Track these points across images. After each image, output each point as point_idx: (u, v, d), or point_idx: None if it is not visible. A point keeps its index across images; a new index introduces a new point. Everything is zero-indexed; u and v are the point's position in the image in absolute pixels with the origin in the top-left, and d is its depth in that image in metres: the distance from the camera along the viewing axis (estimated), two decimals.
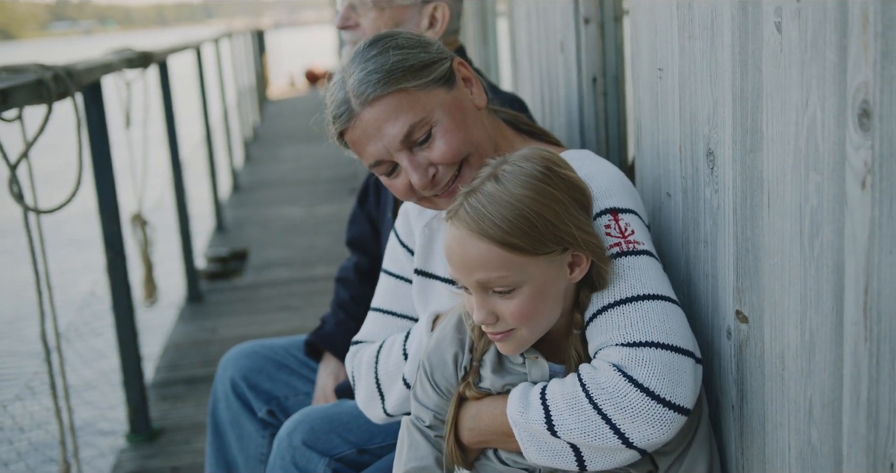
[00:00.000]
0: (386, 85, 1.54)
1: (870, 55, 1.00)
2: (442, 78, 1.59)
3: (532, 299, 1.37)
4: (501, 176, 1.37)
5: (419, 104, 1.55)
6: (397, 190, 1.63)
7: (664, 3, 1.57)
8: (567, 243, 1.37)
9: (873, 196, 1.02)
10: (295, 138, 12.57)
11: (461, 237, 1.36)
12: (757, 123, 1.27)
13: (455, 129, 1.57)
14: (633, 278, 1.42)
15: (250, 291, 5.60)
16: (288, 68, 25.24)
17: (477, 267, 1.35)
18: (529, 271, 1.36)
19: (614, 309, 1.40)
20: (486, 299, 1.38)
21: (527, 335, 1.42)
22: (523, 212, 1.33)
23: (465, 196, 1.38)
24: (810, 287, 1.18)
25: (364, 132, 1.57)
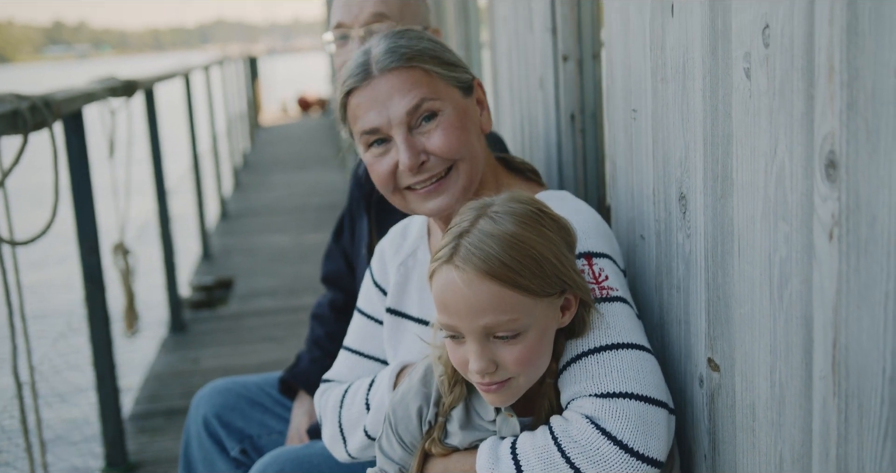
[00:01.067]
0: (411, 60, 1.57)
1: (836, 105, 0.98)
2: (462, 82, 1.61)
3: (535, 344, 1.31)
4: (494, 216, 1.31)
5: (435, 87, 1.57)
6: (379, 172, 1.60)
7: (637, 44, 1.55)
8: (566, 284, 1.33)
9: (840, 249, 1.00)
10: (286, 165, 12.56)
11: (467, 280, 1.26)
12: (727, 170, 1.25)
13: (458, 127, 1.57)
14: (608, 326, 1.39)
15: (234, 320, 5.55)
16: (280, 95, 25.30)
17: (486, 311, 1.27)
18: (535, 314, 1.30)
19: (588, 358, 1.37)
20: (486, 346, 1.30)
21: (523, 384, 1.35)
22: (529, 252, 1.28)
23: (459, 237, 1.30)
24: (780, 339, 1.15)
25: (373, 97, 1.57)
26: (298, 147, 14.86)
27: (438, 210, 1.59)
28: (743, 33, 1.17)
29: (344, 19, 2.09)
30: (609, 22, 1.70)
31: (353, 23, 2.07)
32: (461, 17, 3.62)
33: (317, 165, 12.45)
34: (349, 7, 2.09)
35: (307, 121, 20.73)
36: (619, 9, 1.64)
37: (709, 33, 1.26)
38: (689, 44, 1.33)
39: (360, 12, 2.07)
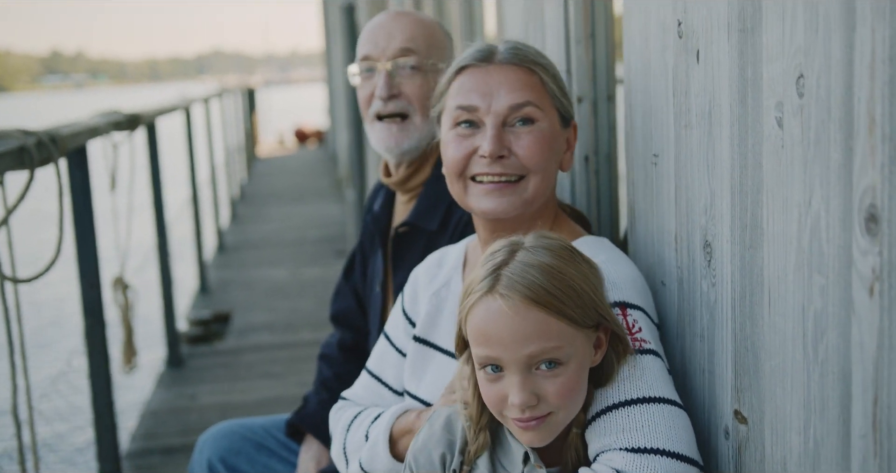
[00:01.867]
0: (534, 65, 1.60)
1: (877, 158, 0.96)
2: (564, 113, 1.63)
3: (575, 376, 1.30)
4: (531, 250, 1.31)
5: (543, 99, 1.59)
6: (454, 152, 1.61)
7: (659, 89, 1.54)
8: (602, 317, 1.32)
9: (882, 304, 0.97)
10: (283, 198, 12.55)
11: (513, 307, 1.26)
12: (757, 219, 1.23)
13: (547, 143, 1.59)
14: (639, 378, 1.36)
15: (232, 356, 5.50)
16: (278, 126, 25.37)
17: (532, 338, 1.26)
18: (576, 345, 1.30)
19: (618, 411, 1.34)
20: (529, 378, 1.28)
21: (561, 421, 1.33)
22: (568, 281, 1.28)
23: (498, 268, 1.30)
24: (814, 393, 1.13)
25: (484, 80, 1.59)
26: (295, 179, 14.86)
27: (493, 211, 1.59)
28: (775, 83, 1.15)
29: (371, 52, 2.11)
30: (629, 66, 1.69)
31: (380, 56, 2.09)
32: None
33: (314, 197, 12.44)
34: (376, 41, 2.11)
35: (304, 152, 20.76)
36: (639, 53, 1.63)
37: (738, 81, 1.25)
38: (717, 91, 1.32)
39: (388, 46, 2.09)
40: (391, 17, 2.15)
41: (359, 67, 2.14)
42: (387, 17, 2.16)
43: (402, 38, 2.08)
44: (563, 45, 2.07)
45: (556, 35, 2.11)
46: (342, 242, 8.72)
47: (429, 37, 2.11)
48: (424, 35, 2.11)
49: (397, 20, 2.13)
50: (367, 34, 2.14)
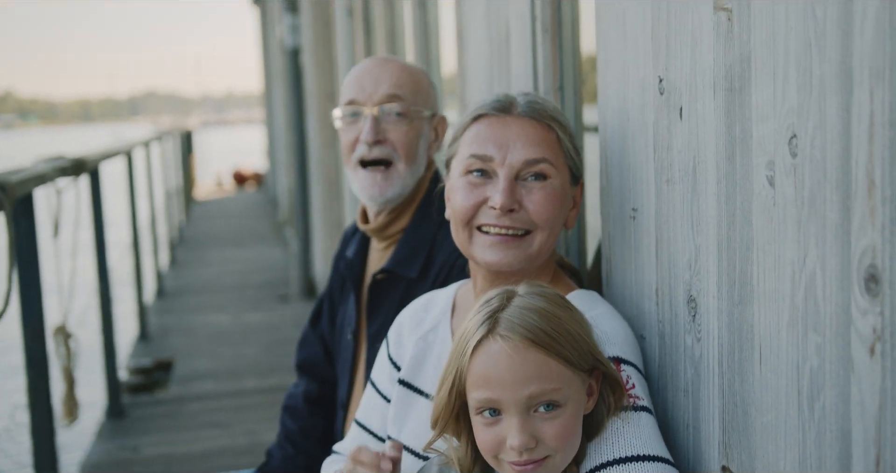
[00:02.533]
0: (553, 121, 1.60)
1: (877, 220, 0.97)
2: (575, 171, 1.63)
3: (573, 419, 1.31)
4: (525, 295, 1.34)
5: (557, 156, 1.59)
6: (464, 200, 1.60)
7: (639, 144, 1.55)
8: (596, 360, 1.33)
9: (884, 364, 0.98)
10: (223, 241, 12.38)
11: (513, 348, 1.27)
12: (746, 276, 1.24)
13: (558, 201, 1.59)
14: (633, 435, 1.36)
15: (175, 405, 5.36)
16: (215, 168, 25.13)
17: (532, 379, 1.27)
18: (573, 387, 1.31)
19: (615, 468, 1.33)
20: (528, 420, 1.29)
21: (558, 465, 1.33)
22: (564, 325, 1.30)
23: (495, 312, 1.31)
24: (810, 451, 1.13)
25: (502, 132, 1.58)
26: (235, 222, 14.70)
27: (496, 263, 1.58)
28: (765, 142, 1.17)
29: (357, 97, 2.09)
30: (605, 120, 1.70)
31: (367, 101, 2.08)
32: None
33: (254, 241, 12.30)
34: (363, 85, 2.09)
35: (243, 195, 20.58)
36: (616, 108, 1.64)
37: (725, 139, 1.26)
38: (702, 148, 1.33)
39: (375, 91, 2.08)
40: (378, 63, 2.15)
41: (343, 111, 2.12)
42: (373, 62, 2.16)
43: (389, 83, 2.08)
44: None
45: (524, 86, 2.12)
46: (285, 286, 8.62)
47: (415, 84, 2.11)
48: (411, 82, 2.10)
49: (384, 66, 2.13)
50: (353, 79, 2.13)
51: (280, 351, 6.37)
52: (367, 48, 5.08)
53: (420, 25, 3.57)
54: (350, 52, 5.66)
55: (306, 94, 8.17)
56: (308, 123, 8.01)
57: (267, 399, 5.34)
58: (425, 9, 3.56)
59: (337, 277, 2.31)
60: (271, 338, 6.80)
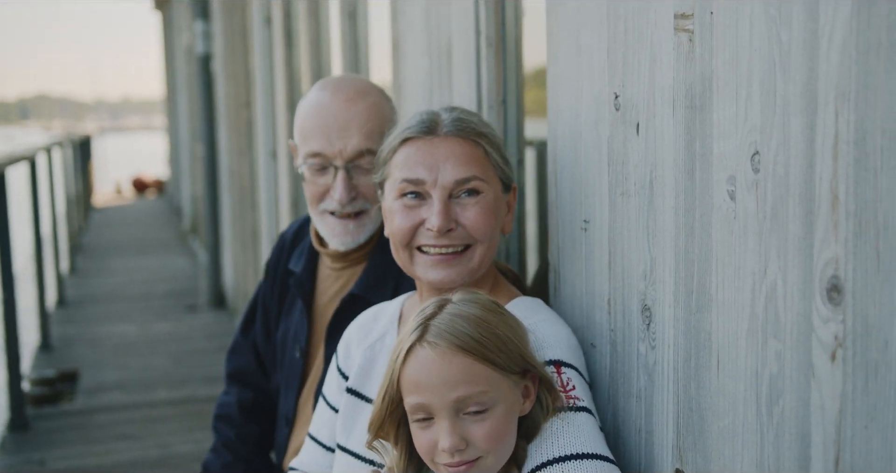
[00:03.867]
0: (478, 137, 1.62)
1: (840, 233, 1.03)
2: (506, 179, 1.65)
3: (503, 420, 1.35)
4: (459, 303, 1.39)
5: (486, 169, 1.61)
6: (402, 224, 1.62)
7: (592, 158, 1.60)
8: (528, 364, 1.37)
9: (845, 370, 1.04)
10: (125, 250, 12.08)
11: (440, 354, 1.33)
12: (705, 286, 1.29)
13: (491, 213, 1.62)
14: (573, 435, 1.40)
15: (82, 417, 5.21)
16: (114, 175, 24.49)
17: (458, 383, 1.32)
18: (503, 390, 1.35)
19: (555, 466, 1.37)
20: (457, 423, 1.33)
21: (491, 465, 1.37)
22: (494, 330, 1.35)
23: (426, 320, 1.36)
24: (768, 453, 1.18)
25: (429, 153, 1.60)
26: (137, 231, 14.34)
27: (440, 282, 1.61)
28: (727, 158, 1.22)
29: (324, 150, 1.95)
30: (555, 134, 1.74)
31: (336, 156, 1.95)
32: None
33: (159, 250, 12.03)
34: (330, 139, 1.94)
35: (143, 202, 20.11)
36: (567, 122, 1.69)
37: (684, 155, 1.32)
38: (659, 162, 1.38)
39: (345, 147, 1.94)
40: (344, 105, 1.96)
41: (308, 162, 1.98)
42: (337, 102, 1.97)
43: (359, 135, 1.94)
44: (474, 111, 2.12)
45: (468, 100, 2.16)
46: (193, 296, 8.46)
47: (383, 123, 1.95)
48: (380, 125, 1.94)
49: (351, 110, 1.95)
50: (316, 125, 1.96)
51: (191, 362, 6.26)
52: (287, 59, 5.05)
53: (349, 37, 3.57)
54: (269, 62, 5.62)
55: (217, 102, 8.06)
56: (219, 132, 7.89)
57: (179, 411, 5.24)
58: (355, 20, 3.57)
59: (276, 288, 2.27)
60: (181, 349, 6.67)
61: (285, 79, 5.04)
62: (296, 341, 2.16)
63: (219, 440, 2.27)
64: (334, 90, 2.00)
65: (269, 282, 2.31)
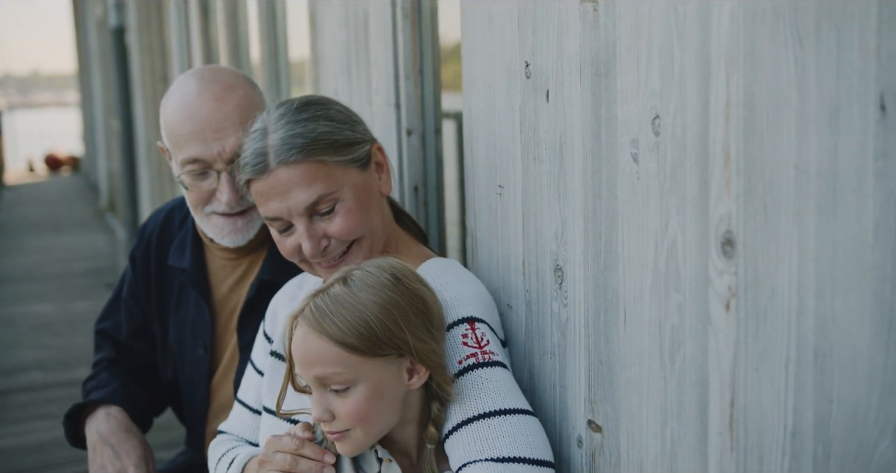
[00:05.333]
0: (308, 153, 1.59)
1: (732, 190, 1.11)
2: (360, 159, 1.65)
3: (366, 399, 1.41)
4: (350, 280, 1.44)
5: (332, 178, 1.60)
6: (285, 248, 1.67)
7: (505, 125, 1.65)
8: (402, 349, 1.41)
9: (738, 317, 1.12)
10: (40, 228, 11.79)
11: (303, 335, 1.42)
12: (612, 244, 1.36)
13: (357, 210, 1.63)
14: (493, 391, 1.46)
15: (1, 397, 5.12)
16: (25, 153, 23.79)
17: (315, 363, 1.41)
18: (363, 371, 1.41)
19: (477, 423, 1.43)
20: (323, 396, 1.43)
21: (361, 437, 1.45)
22: (363, 315, 1.40)
23: (312, 297, 1.44)
24: (671, 399, 1.26)
25: (273, 189, 1.60)
26: (52, 209, 14.00)
27: None
28: (630, 122, 1.29)
29: (203, 155, 1.88)
30: (469, 102, 1.79)
31: (215, 159, 1.88)
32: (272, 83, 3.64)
33: (75, 228, 11.78)
34: (206, 143, 1.87)
35: (58, 180, 19.60)
36: (481, 91, 1.74)
37: (591, 120, 1.38)
38: (568, 128, 1.45)
39: (223, 149, 1.87)
40: (214, 106, 1.88)
41: (186, 168, 1.91)
42: (205, 103, 1.89)
43: (234, 133, 1.86)
44: (391, 81, 2.16)
45: (385, 70, 2.19)
46: (113, 274, 8.31)
47: (254, 112, 1.82)
48: (251, 114, 1.81)
49: (222, 109, 1.88)
50: (188, 129, 1.88)
51: None
52: (203, 31, 5.00)
53: (266, 9, 3.56)
54: (185, 35, 5.55)
55: (133, 75, 7.91)
56: (135, 106, 7.76)
57: None
58: None
59: (151, 285, 2.19)
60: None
61: (202, 52, 4.98)
62: (196, 337, 2.13)
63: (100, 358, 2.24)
64: (200, 89, 1.91)
65: (141, 278, 2.22)
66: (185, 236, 2.15)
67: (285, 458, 1.51)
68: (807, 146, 0.99)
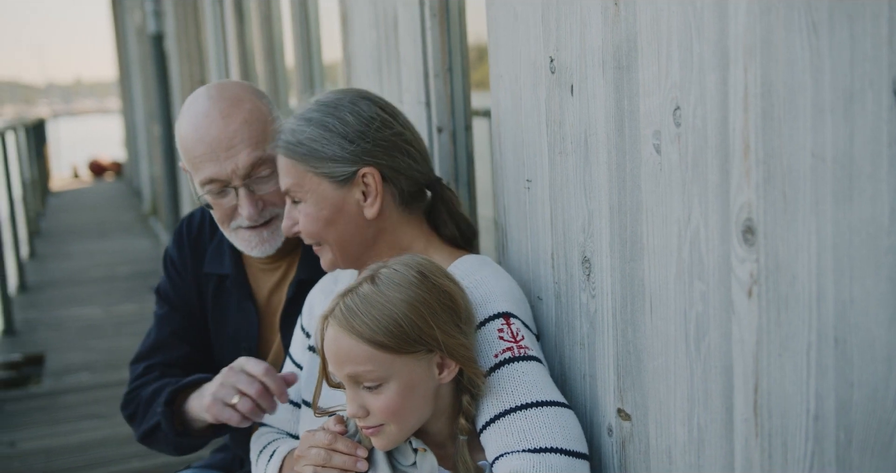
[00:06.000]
0: (287, 151, 1.71)
1: (752, 179, 1.12)
2: (337, 177, 1.68)
3: (399, 395, 1.44)
4: (377, 279, 1.47)
5: (300, 180, 1.70)
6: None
7: (531, 120, 1.68)
8: (431, 344, 1.44)
9: (760, 305, 1.13)
10: (84, 233, 12.01)
11: (334, 334, 1.45)
12: (637, 235, 1.38)
13: (315, 217, 1.70)
14: (530, 383, 1.49)
15: (50, 398, 5.25)
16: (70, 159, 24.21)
17: (347, 362, 1.44)
18: (395, 368, 1.44)
19: (513, 415, 1.46)
20: (356, 393, 1.46)
21: (396, 432, 1.48)
22: (392, 313, 1.42)
23: (342, 297, 1.47)
24: (697, 387, 1.28)
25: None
26: (96, 214, 14.25)
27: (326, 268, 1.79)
28: (652, 114, 1.31)
29: (217, 175, 1.91)
30: (497, 98, 1.82)
31: (231, 177, 1.91)
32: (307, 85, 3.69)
33: (119, 232, 11.98)
34: (220, 162, 1.90)
35: (102, 185, 19.93)
36: (508, 86, 1.76)
37: (614, 113, 1.40)
38: (592, 121, 1.47)
39: (237, 165, 1.90)
40: (222, 124, 1.91)
41: (206, 189, 1.95)
42: (214, 122, 1.91)
43: (246, 149, 1.89)
44: (421, 79, 2.19)
45: (414, 69, 2.22)
46: (157, 277, 8.45)
47: (265, 125, 1.91)
48: (262, 128, 1.90)
49: (230, 126, 1.90)
50: (201, 151, 1.91)
51: None
52: (238, 36, 5.07)
53: (299, 12, 3.61)
54: (220, 40, 5.63)
55: (172, 81, 8.04)
56: (175, 111, 7.88)
57: None
58: None
59: (192, 289, 2.18)
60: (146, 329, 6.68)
61: (238, 56, 5.06)
62: (239, 339, 2.15)
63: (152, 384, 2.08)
64: (208, 108, 1.93)
65: (182, 281, 2.19)
66: (221, 244, 2.16)
67: (319, 453, 1.55)
68: (822, 134, 1.01)
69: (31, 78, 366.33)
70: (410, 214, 1.74)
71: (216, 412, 1.76)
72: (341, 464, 1.53)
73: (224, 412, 1.75)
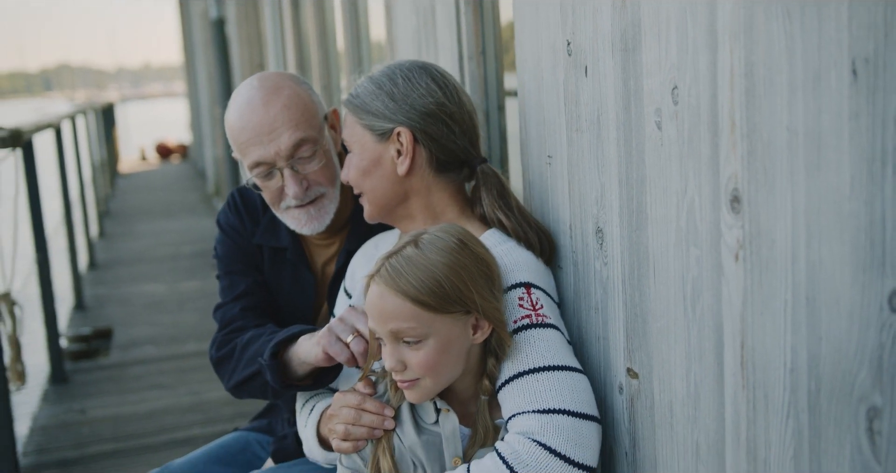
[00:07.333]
0: (348, 105, 1.88)
1: (737, 152, 1.22)
2: (377, 130, 1.83)
3: (436, 351, 1.56)
4: (420, 243, 1.58)
5: (351, 130, 1.86)
6: None
7: (552, 100, 1.78)
8: (469, 306, 1.56)
9: (745, 268, 1.24)
10: (151, 214, 12.38)
11: (380, 292, 1.56)
12: (642, 206, 1.49)
13: (356, 167, 1.85)
14: (544, 348, 1.60)
15: (118, 370, 5.50)
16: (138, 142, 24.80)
17: (391, 318, 1.55)
18: (435, 326, 1.55)
19: (527, 377, 1.57)
20: (396, 348, 1.57)
21: (430, 386, 1.60)
22: (435, 275, 1.54)
23: (386, 258, 1.58)
24: (694, 345, 1.39)
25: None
26: (162, 195, 14.65)
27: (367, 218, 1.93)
28: (654, 93, 1.41)
29: (263, 157, 2.03)
30: (522, 80, 1.93)
31: (275, 158, 2.03)
32: (356, 66, 3.83)
33: (184, 212, 12.32)
34: (264, 146, 2.02)
35: (168, 167, 20.42)
36: (531, 69, 1.87)
37: (622, 92, 1.51)
38: (603, 100, 1.57)
39: (280, 148, 2.01)
40: (263, 110, 2.03)
41: (254, 172, 2.06)
42: (256, 109, 2.03)
43: (288, 131, 2.01)
44: (456, 62, 2.31)
45: (450, 52, 2.34)
46: None
47: (304, 109, 2.04)
48: (301, 111, 2.03)
49: (270, 111, 2.02)
50: (246, 134, 2.03)
51: None
52: (294, 22, 5.23)
53: (349, 1, 3.75)
54: (278, 25, 5.80)
55: (233, 65, 8.25)
56: None
57: (207, 362, 5.49)
58: None
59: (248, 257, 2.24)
60: (209, 304, 6.88)
61: (294, 40, 5.22)
62: (299, 309, 2.25)
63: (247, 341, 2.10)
64: (251, 97, 2.05)
65: (247, 244, 2.25)
66: (275, 219, 2.23)
67: (350, 412, 1.68)
68: (796, 110, 1.10)
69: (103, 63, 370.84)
70: (446, 181, 1.84)
71: (327, 344, 1.77)
72: (370, 423, 1.67)
73: (335, 345, 1.77)
